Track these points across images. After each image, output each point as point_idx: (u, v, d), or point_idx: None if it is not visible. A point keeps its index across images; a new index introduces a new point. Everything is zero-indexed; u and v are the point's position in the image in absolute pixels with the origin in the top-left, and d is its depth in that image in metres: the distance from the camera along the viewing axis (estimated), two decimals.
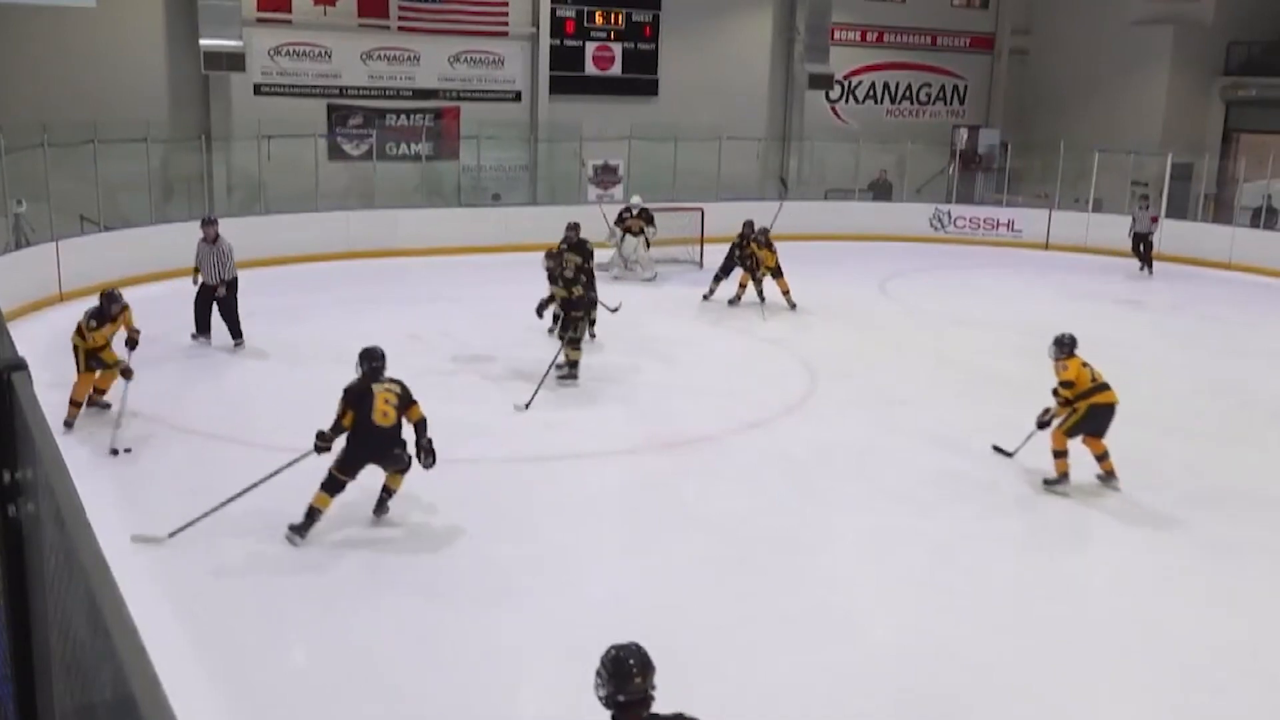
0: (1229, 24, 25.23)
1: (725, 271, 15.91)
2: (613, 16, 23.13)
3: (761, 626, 6.69)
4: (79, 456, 8.87)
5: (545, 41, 22.46)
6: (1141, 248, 19.75)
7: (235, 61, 18.94)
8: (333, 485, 7.56)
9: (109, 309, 9.93)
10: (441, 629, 6.52)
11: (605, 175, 22.00)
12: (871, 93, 26.77)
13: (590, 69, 23.14)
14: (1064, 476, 8.83)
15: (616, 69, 23.39)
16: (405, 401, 7.64)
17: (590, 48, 23.09)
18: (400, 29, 21.15)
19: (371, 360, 7.65)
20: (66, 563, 1.65)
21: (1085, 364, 8.74)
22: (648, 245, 17.38)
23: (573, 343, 11.42)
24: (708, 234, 18.65)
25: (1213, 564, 7.81)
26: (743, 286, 15.75)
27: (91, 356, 9.72)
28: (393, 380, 7.70)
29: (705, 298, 15.84)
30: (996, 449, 9.61)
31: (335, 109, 20.97)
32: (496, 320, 14.12)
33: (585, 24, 22.93)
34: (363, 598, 6.89)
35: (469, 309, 14.96)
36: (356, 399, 7.50)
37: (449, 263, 18.21)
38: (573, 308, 11.44)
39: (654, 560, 7.56)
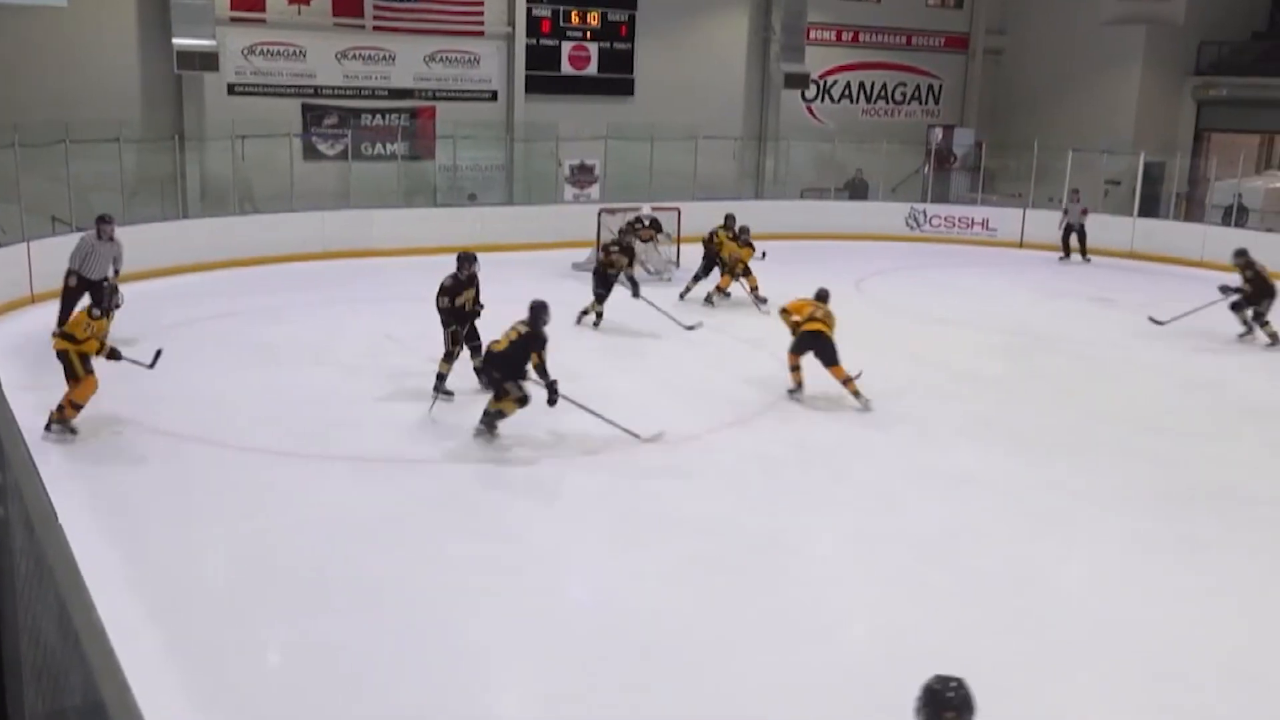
0: (1200, 24, 25.44)
1: (705, 271, 15.92)
2: (589, 16, 23.10)
3: (742, 626, 6.68)
4: (51, 460, 8.78)
5: (521, 41, 22.40)
6: (1074, 239, 20.70)
7: (208, 61, 18.79)
8: None
9: (111, 300, 9.84)
10: (420, 630, 6.47)
11: (582, 175, 21.96)
12: (847, 92, 26.84)
13: (566, 68, 23.10)
14: (799, 386, 11.11)
15: (593, 68, 23.36)
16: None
17: (566, 47, 23.04)
18: (375, 28, 21.04)
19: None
20: (37, 568, 1.62)
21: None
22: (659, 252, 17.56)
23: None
24: (684, 234, 18.63)
25: (1191, 560, 7.85)
26: (719, 289, 15.76)
27: (86, 357, 9.40)
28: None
29: (681, 296, 15.84)
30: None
31: (310, 109, 20.84)
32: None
33: (561, 23, 22.89)
34: (340, 598, 6.83)
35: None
36: None
37: (425, 263, 17.99)
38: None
39: (635, 561, 7.53)
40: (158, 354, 9.78)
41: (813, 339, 10.93)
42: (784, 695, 5.92)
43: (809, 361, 11.10)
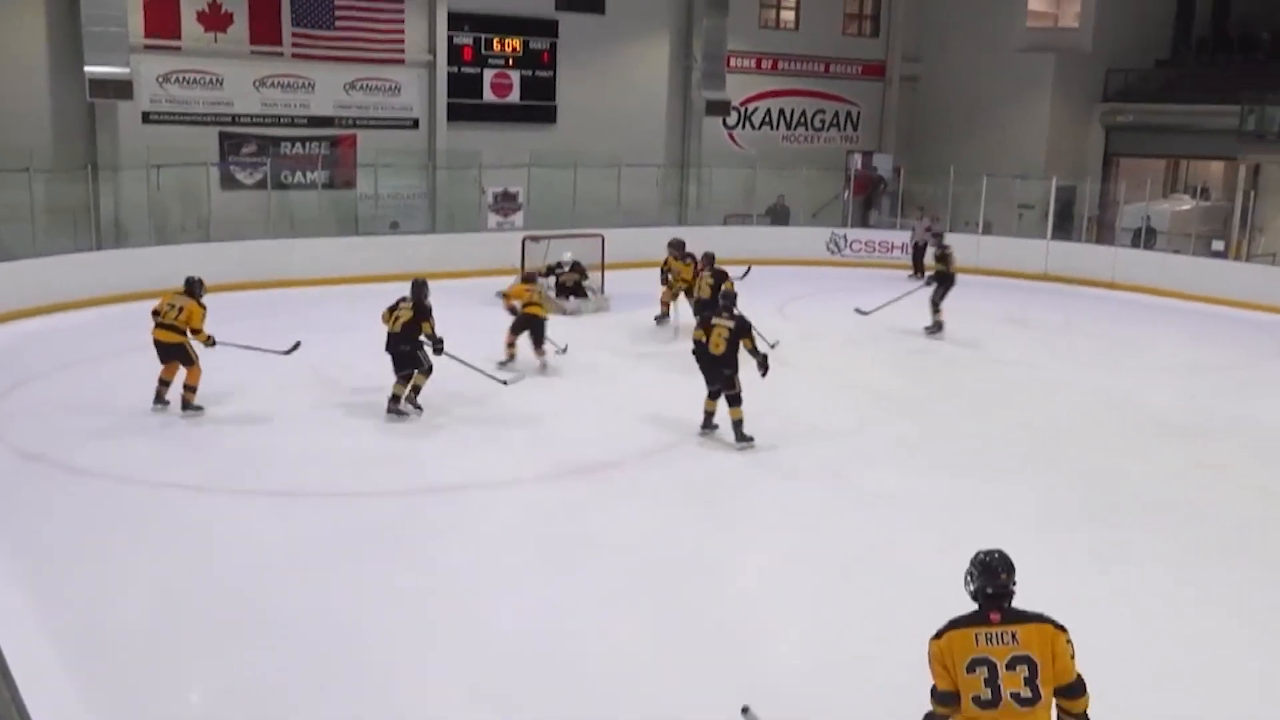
0: (1107, 53, 26.25)
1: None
2: (510, 44, 23.16)
3: (669, 650, 6.70)
4: None
5: (443, 69, 22.37)
6: (920, 258, 21.13)
7: (122, 89, 18.47)
8: None
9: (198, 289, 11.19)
10: (344, 666, 6.39)
11: (505, 203, 21.94)
12: (768, 119, 27.20)
13: (489, 96, 23.11)
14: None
15: (515, 96, 23.40)
16: None
17: (488, 75, 23.07)
18: (294, 56, 20.87)
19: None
20: None
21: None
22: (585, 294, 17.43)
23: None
24: (608, 260, 18.69)
25: (1109, 569, 8.04)
26: (665, 306, 16.12)
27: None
28: None
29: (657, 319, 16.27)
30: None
31: (228, 137, 20.58)
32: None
33: (483, 51, 22.92)
34: (262, 635, 6.73)
35: (368, 339, 14.74)
36: None
37: (347, 292, 17.94)
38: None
39: (561, 589, 7.52)
40: (296, 345, 11.21)
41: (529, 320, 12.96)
42: (715, 715, 5.94)
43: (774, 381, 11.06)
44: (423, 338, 11.05)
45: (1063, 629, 4.48)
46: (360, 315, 16.07)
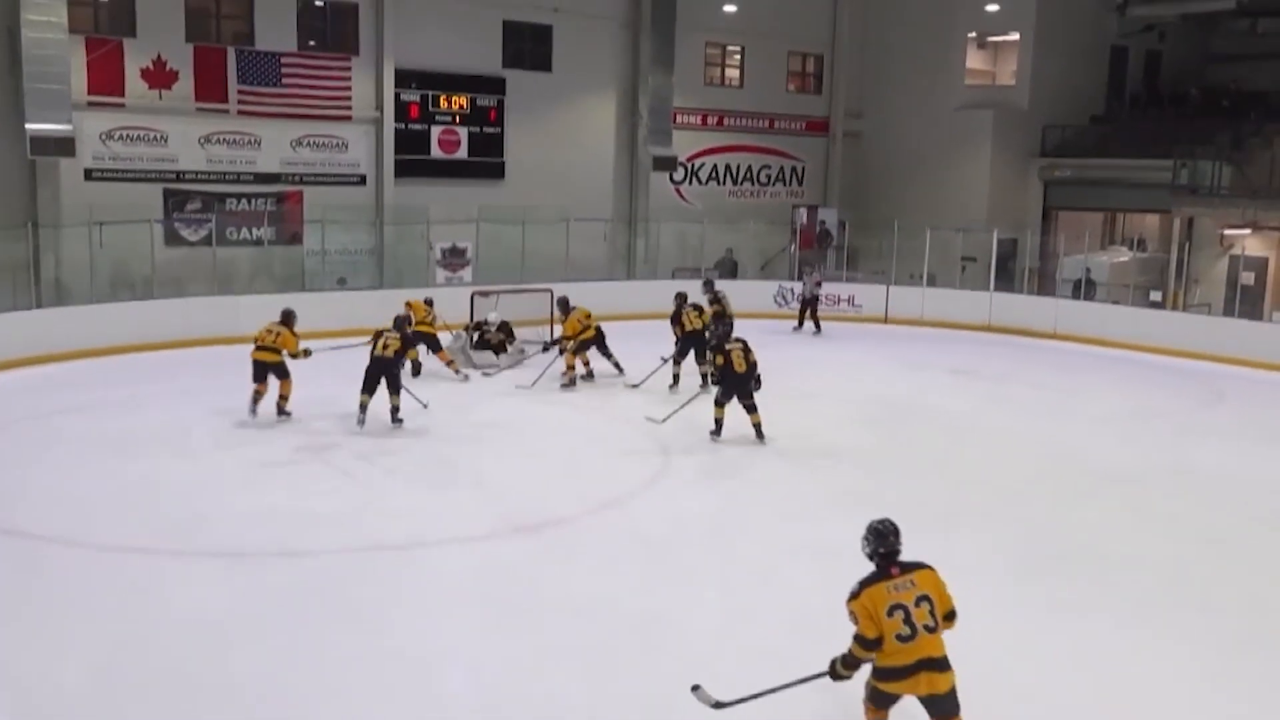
0: (1043, 109, 26.93)
1: (683, 354, 15.73)
2: (457, 101, 23.30)
3: (623, 708, 6.63)
4: None
5: (390, 125, 22.43)
6: (809, 311, 21.38)
7: (65, 146, 18.32)
8: None
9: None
10: None
11: (453, 258, 21.94)
12: (714, 174, 27.53)
13: (436, 152, 23.19)
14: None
15: (463, 152, 23.50)
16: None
17: (436, 131, 23.15)
18: (240, 113, 20.83)
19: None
20: None
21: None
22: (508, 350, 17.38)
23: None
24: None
25: (1059, 623, 8.08)
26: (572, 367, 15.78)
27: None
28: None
29: (671, 387, 15.48)
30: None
31: (172, 194, 20.43)
32: (340, 406, 13.82)
33: (430, 108, 23.02)
34: (209, 701, 6.57)
35: (312, 395, 14.63)
36: None
37: None
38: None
39: (513, 649, 7.42)
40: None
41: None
42: None
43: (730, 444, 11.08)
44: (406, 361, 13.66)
45: (935, 568, 5.88)
46: (306, 372, 15.90)
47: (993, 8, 26.00)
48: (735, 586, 8.61)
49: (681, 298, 16.33)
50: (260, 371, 13.26)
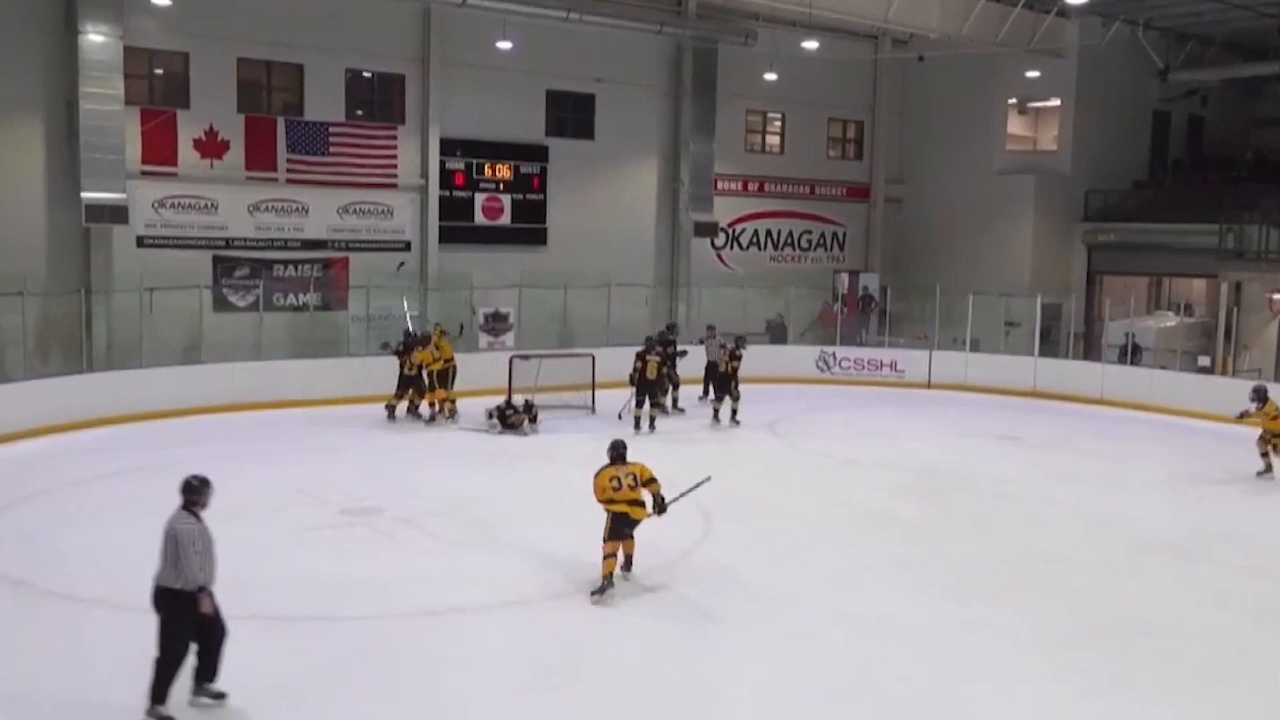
0: (1085, 174, 26.96)
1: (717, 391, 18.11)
2: (500, 169, 23.67)
3: None
4: None
5: (435, 192, 22.82)
6: (712, 377, 19.12)
7: (118, 214, 18.80)
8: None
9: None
10: None
11: (496, 323, 22.16)
12: (755, 240, 27.70)
13: (480, 219, 23.53)
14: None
15: (506, 219, 23.83)
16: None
17: (480, 198, 23.51)
18: (288, 181, 21.29)
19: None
20: None
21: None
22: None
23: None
24: (599, 379, 18.83)
25: (1107, 694, 7.95)
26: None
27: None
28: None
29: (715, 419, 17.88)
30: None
31: (221, 260, 20.85)
32: (385, 471, 13.96)
33: (474, 175, 23.40)
34: None
35: (357, 460, 14.78)
36: None
37: (338, 413, 18.01)
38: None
39: (549, 712, 7.41)
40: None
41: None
42: None
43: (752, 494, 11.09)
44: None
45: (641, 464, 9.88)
46: (349, 437, 16.10)
47: (1033, 74, 26.12)
48: (775, 655, 8.54)
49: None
50: (404, 383, 17.34)
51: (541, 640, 8.77)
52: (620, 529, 9.64)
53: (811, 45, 24.02)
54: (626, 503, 9.59)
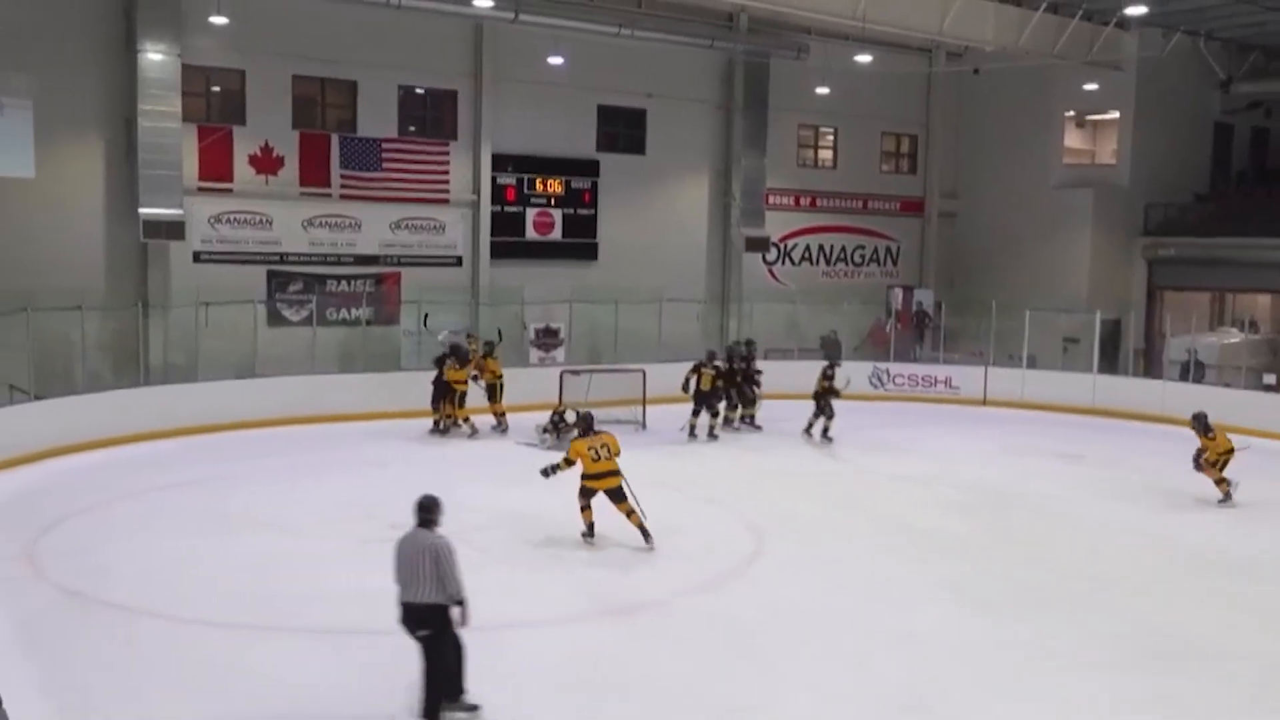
0: (1145, 187, 26.60)
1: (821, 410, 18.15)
2: (552, 184, 23.82)
3: None
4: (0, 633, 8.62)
5: (486, 208, 23.01)
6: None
7: (175, 230, 19.15)
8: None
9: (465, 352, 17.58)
10: None
11: (546, 338, 22.28)
12: (807, 255, 27.63)
13: (531, 234, 23.68)
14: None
15: (557, 234, 23.96)
16: None
17: (531, 213, 23.67)
18: (342, 197, 21.57)
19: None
20: None
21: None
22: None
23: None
24: (650, 395, 18.86)
25: (1160, 718, 7.83)
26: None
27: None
28: None
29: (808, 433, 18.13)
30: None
31: (275, 275, 21.16)
32: (437, 485, 13.99)
33: (525, 191, 23.57)
34: None
35: (408, 474, 14.88)
36: None
37: (389, 427, 18.18)
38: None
39: None
40: None
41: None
42: None
43: (788, 513, 11.11)
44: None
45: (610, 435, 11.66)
46: (401, 451, 16.24)
47: (1091, 86, 25.86)
48: (825, 675, 8.50)
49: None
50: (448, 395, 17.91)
51: (590, 657, 8.79)
52: (611, 498, 11.50)
53: (865, 59, 23.96)
54: (609, 474, 11.46)
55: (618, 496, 11.51)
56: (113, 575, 10.36)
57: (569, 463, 11.45)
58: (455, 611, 7.32)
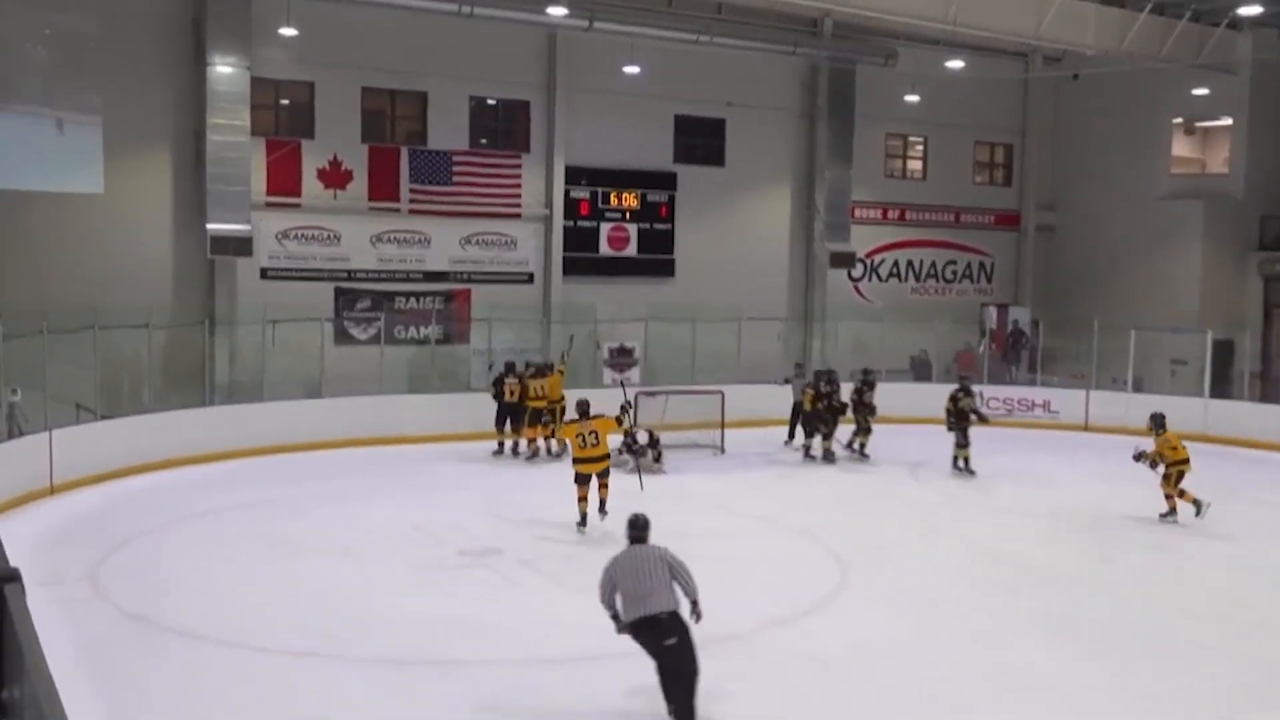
0: (1260, 198, 25.89)
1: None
2: (627, 198, 23.83)
3: None
4: (61, 658, 8.74)
5: (559, 223, 23.09)
6: (798, 416, 19.13)
7: (243, 246, 19.49)
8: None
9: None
10: None
11: (621, 358, 22.27)
12: (895, 271, 27.31)
13: (605, 249, 23.71)
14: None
15: (632, 249, 23.96)
16: None
17: (605, 228, 23.71)
18: (411, 212, 21.81)
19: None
20: None
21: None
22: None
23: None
24: (729, 417, 18.74)
25: None
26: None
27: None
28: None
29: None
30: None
31: (343, 292, 21.43)
32: (506, 510, 14.08)
33: (599, 205, 23.61)
34: None
35: (478, 498, 14.94)
36: None
37: (458, 449, 18.29)
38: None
39: None
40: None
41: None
42: None
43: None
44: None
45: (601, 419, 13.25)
46: (469, 474, 16.32)
47: (1201, 91, 25.28)
48: (914, 714, 8.30)
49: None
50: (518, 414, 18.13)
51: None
52: (597, 479, 13.11)
53: (956, 64, 23.69)
54: (598, 458, 13.06)
55: (604, 475, 13.18)
56: (174, 599, 10.49)
57: (561, 443, 13.76)
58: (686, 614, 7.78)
